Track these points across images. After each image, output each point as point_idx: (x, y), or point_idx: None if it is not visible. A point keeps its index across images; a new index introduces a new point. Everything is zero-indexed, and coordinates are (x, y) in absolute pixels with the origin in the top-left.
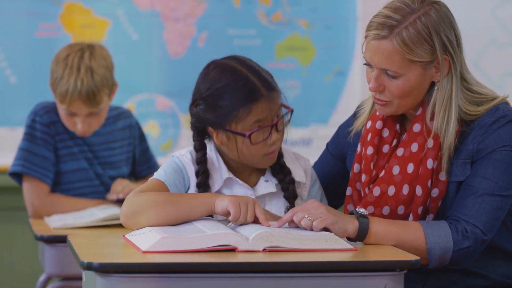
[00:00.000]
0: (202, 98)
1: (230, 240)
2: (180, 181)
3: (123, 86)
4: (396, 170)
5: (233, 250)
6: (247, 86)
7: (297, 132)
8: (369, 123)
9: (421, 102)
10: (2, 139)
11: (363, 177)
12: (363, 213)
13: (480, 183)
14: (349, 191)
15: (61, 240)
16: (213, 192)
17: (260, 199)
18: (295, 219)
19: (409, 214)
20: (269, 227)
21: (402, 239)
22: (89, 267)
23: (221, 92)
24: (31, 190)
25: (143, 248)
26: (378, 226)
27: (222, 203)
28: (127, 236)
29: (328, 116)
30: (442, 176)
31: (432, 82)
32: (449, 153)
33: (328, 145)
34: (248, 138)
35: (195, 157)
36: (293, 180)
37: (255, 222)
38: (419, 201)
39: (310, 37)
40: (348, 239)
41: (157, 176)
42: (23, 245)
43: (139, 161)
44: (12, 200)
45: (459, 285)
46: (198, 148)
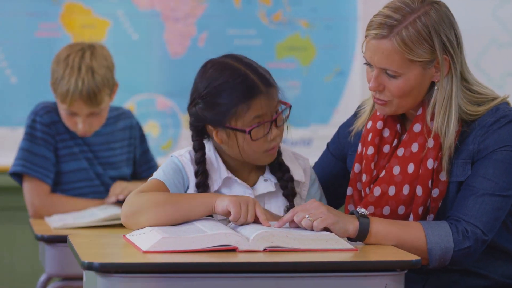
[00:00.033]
0: (201, 97)
1: (231, 240)
2: (180, 181)
3: (123, 86)
4: (397, 170)
5: (234, 250)
6: (245, 83)
7: (298, 132)
8: (370, 123)
9: (422, 102)
10: (3, 139)
11: (364, 177)
12: (364, 213)
13: (481, 183)
14: (350, 191)
15: (62, 240)
16: (213, 192)
17: (259, 199)
18: (296, 219)
19: (410, 214)
20: (270, 227)
21: (403, 239)
22: (90, 267)
23: (220, 90)
24: (32, 190)
25: (144, 248)
26: (379, 226)
27: (223, 203)
28: (128, 236)
29: (329, 116)
30: (443, 176)
31: (432, 82)
32: (450, 153)
33: (329, 145)
34: (249, 134)
35: (194, 157)
36: (292, 178)
37: (256, 222)
38: (420, 201)
39: (311, 37)
40: (349, 239)
41: (157, 176)
42: (24, 245)
43: (140, 162)
44: (13, 200)
45: (460, 285)
46: (197, 148)
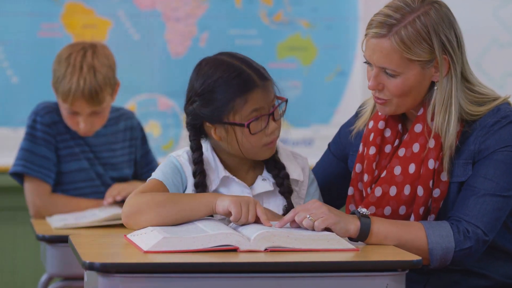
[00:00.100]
0: (197, 94)
1: (232, 240)
2: (178, 181)
3: (125, 86)
4: (398, 171)
5: (235, 250)
6: (241, 77)
7: (299, 132)
8: (371, 123)
9: (422, 102)
10: (4, 139)
11: (365, 177)
12: (365, 213)
13: (482, 184)
14: (351, 191)
15: (63, 240)
16: (214, 192)
17: (258, 198)
18: (297, 219)
19: (411, 215)
20: (271, 227)
21: (404, 239)
22: (91, 267)
23: (216, 86)
24: (33, 190)
25: (145, 248)
26: (380, 226)
27: (223, 203)
28: (129, 236)
29: (330, 116)
30: (444, 177)
31: (433, 82)
32: (450, 153)
33: (330, 145)
34: (247, 128)
35: (192, 157)
36: (288, 175)
37: (257, 222)
38: (421, 202)
39: (312, 37)
40: (350, 239)
41: (155, 176)
42: (25, 245)
43: (141, 163)
44: (14, 200)
45: (461, 285)
46: (195, 148)
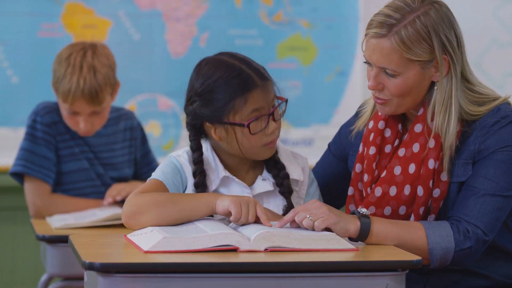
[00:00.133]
0: (197, 94)
1: (232, 240)
2: (178, 181)
3: (125, 86)
4: (398, 171)
5: (235, 250)
6: (241, 77)
7: (299, 132)
8: (371, 123)
9: (422, 102)
10: (4, 139)
11: (365, 177)
12: (365, 213)
13: (482, 184)
14: (351, 191)
15: (63, 240)
16: (214, 192)
17: (257, 198)
18: (297, 219)
19: (411, 215)
20: (271, 227)
21: (404, 239)
22: (91, 267)
23: (216, 85)
24: (33, 190)
25: (145, 248)
26: (380, 226)
27: (223, 203)
28: (129, 236)
29: (330, 116)
30: (444, 177)
31: (433, 82)
32: (451, 153)
33: (330, 146)
34: (248, 128)
35: (192, 157)
36: (288, 175)
37: (257, 222)
38: (421, 202)
39: (312, 37)
40: (350, 239)
41: (155, 176)
42: (25, 245)
43: (141, 163)
44: (14, 200)
45: (461, 285)
46: (195, 148)
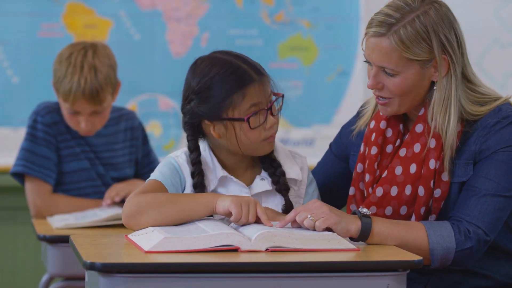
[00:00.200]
0: (194, 92)
1: (233, 240)
2: (177, 181)
3: (126, 86)
4: (399, 171)
5: (236, 250)
6: (237, 72)
7: (300, 132)
8: (373, 123)
9: (423, 102)
10: (5, 139)
11: (367, 177)
12: (366, 213)
13: (483, 184)
14: (352, 191)
15: (64, 240)
16: (214, 193)
17: (256, 198)
18: (298, 219)
19: (412, 215)
20: (272, 227)
21: (405, 239)
22: (92, 267)
23: (213, 82)
24: (34, 190)
25: (146, 248)
26: (381, 226)
27: (224, 203)
28: (130, 236)
29: (331, 116)
30: (445, 177)
31: (433, 82)
32: (451, 153)
33: (331, 146)
34: (247, 122)
35: (190, 158)
36: (284, 173)
37: (257, 222)
38: (422, 202)
39: (313, 37)
40: (351, 239)
41: (154, 177)
42: (26, 245)
43: (142, 163)
44: (14, 200)
45: (462, 286)
46: (193, 149)
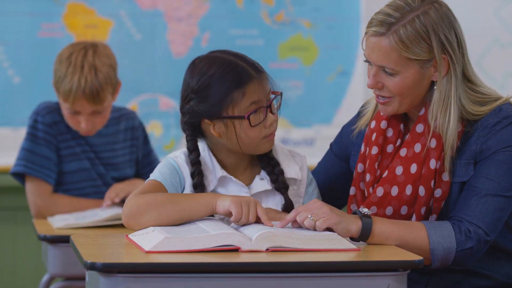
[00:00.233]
0: (194, 92)
1: (233, 240)
2: (177, 181)
3: (126, 86)
4: (399, 171)
5: (236, 250)
6: (236, 70)
7: (300, 132)
8: (374, 123)
9: (424, 102)
10: (5, 139)
11: (368, 177)
12: (367, 213)
13: (483, 184)
14: (353, 191)
15: (64, 240)
16: (215, 193)
17: (256, 197)
18: (298, 219)
19: (412, 215)
20: (272, 227)
21: (405, 239)
22: (92, 267)
23: (212, 81)
24: (34, 190)
25: (146, 248)
26: (381, 226)
27: (224, 204)
28: (130, 236)
29: (331, 116)
30: (445, 177)
31: (433, 82)
32: (452, 153)
33: (332, 146)
34: (248, 119)
35: (190, 158)
36: (282, 171)
37: (257, 222)
38: (422, 202)
39: (313, 37)
40: (351, 239)
41: (154, 177)
42: (26, 245)
43: (143, 163)
44: (15, 200)
45: (462, 286)
46: (192, 149)
